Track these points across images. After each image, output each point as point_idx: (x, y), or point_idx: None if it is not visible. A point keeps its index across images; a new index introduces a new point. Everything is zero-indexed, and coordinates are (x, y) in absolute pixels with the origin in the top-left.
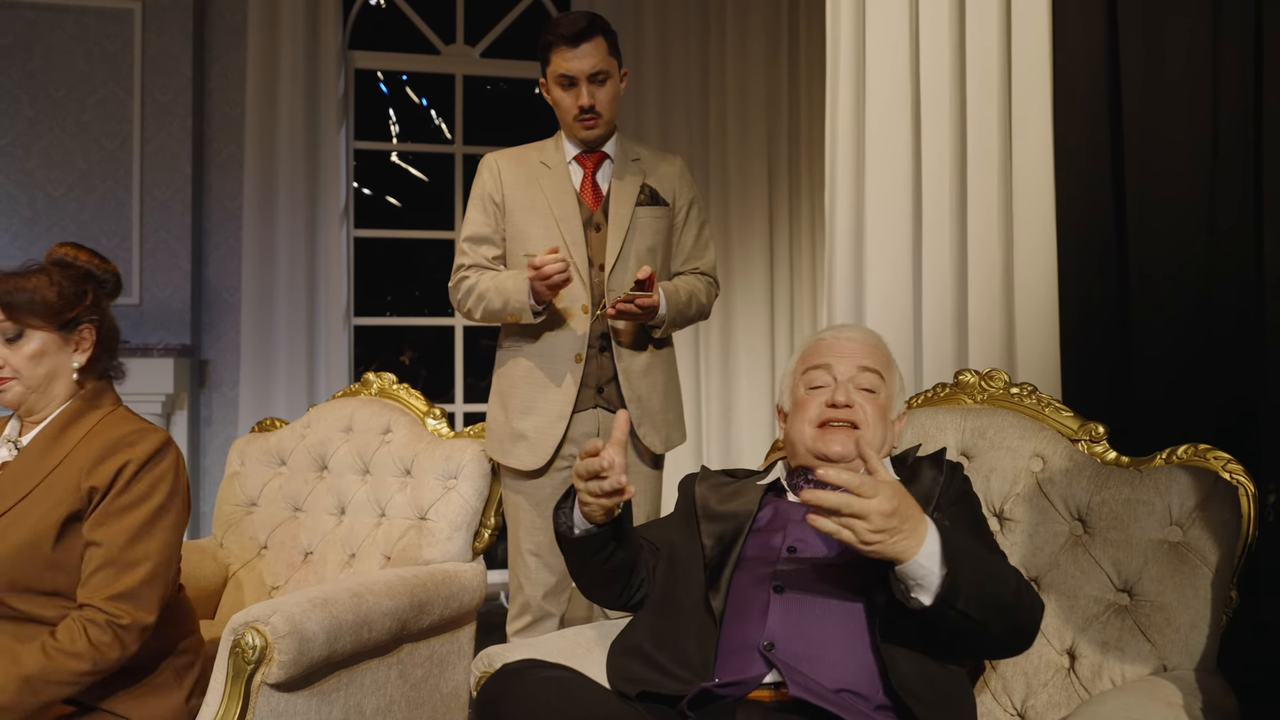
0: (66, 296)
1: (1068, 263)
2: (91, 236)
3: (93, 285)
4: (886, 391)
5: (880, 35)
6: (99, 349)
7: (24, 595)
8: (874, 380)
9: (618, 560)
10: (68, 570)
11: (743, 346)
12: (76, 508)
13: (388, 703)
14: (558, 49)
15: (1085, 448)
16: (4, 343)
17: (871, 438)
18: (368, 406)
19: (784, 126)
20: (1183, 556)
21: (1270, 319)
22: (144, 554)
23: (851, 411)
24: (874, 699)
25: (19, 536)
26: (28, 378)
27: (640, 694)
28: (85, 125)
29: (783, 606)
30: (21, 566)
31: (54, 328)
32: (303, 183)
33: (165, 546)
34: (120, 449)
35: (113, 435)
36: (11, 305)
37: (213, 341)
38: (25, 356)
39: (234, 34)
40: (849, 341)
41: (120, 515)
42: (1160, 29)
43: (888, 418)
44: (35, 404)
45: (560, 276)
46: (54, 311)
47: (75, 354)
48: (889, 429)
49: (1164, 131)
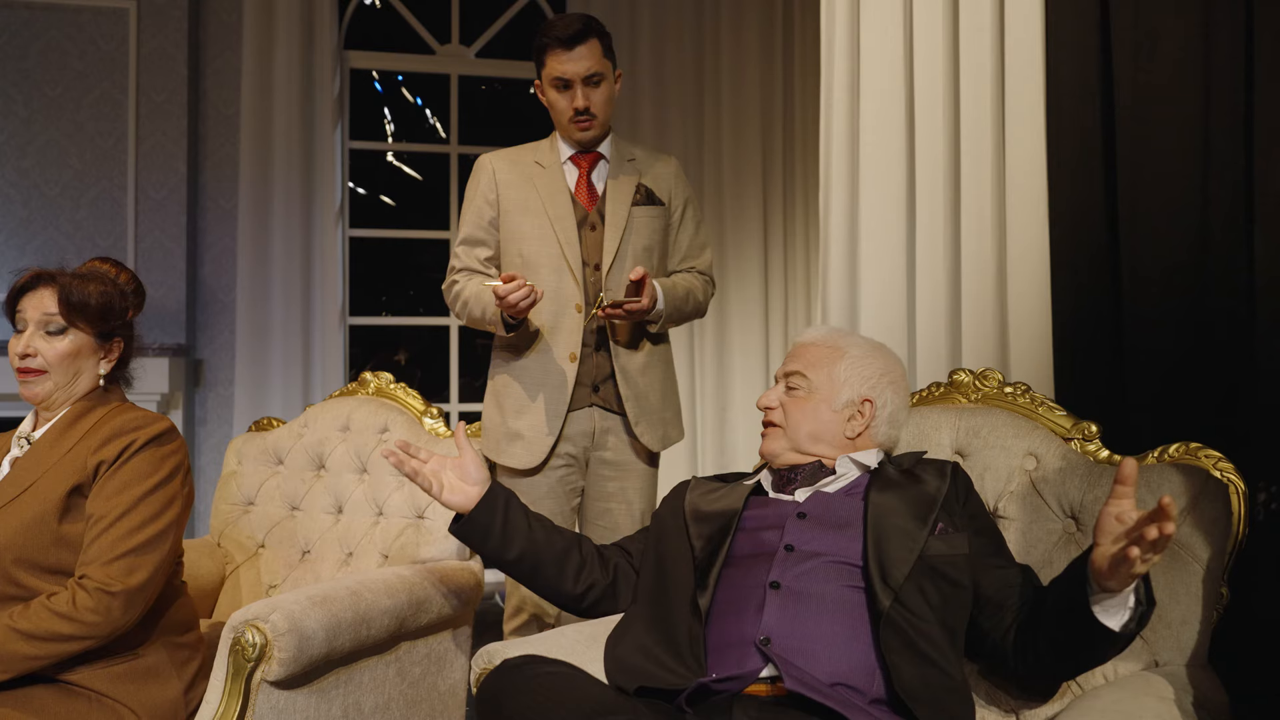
0: (114, 309)
1: (1060, 264)
2: (87, 236)
3: (132, 304)
4: (820, 384)
5: (875, 39)
6: (122, 360)
7: (31, 572)
8: (796, 379)
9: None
10: (73, 547)
11: (737, 347)
12: (82, 481)
13: (386, 700)
14: (552, 51)
15: (1078, 446)
16: (45, 335)
17: (794, 433)
18: (365, 406)
19: (778, 127)
20: (1173, 554)
21: (1261, 321)
22: (140, 523)
23: (773, 413)
24: (869, 693)
25: (28, 514)
26: (57, 373)
27: (638, 689)
28: (80, 124)
29: (779, 602)
30: (29, 543)
31: (94, 333)
32: (298, 182)
33: (162, 520)
34: (128, 430)
35: (121, 419)
36: (70, 303)
37: (208, 341)
38: (60, 353)
39: (229, 34)
40: (797, 346)
41: (121, 489)
42: (1153, 31)
43: (825, 410)
44: (56, 400)
45: (525, 303)
46: (100, 319)
47: (103, 361)
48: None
49: (1155, 133)
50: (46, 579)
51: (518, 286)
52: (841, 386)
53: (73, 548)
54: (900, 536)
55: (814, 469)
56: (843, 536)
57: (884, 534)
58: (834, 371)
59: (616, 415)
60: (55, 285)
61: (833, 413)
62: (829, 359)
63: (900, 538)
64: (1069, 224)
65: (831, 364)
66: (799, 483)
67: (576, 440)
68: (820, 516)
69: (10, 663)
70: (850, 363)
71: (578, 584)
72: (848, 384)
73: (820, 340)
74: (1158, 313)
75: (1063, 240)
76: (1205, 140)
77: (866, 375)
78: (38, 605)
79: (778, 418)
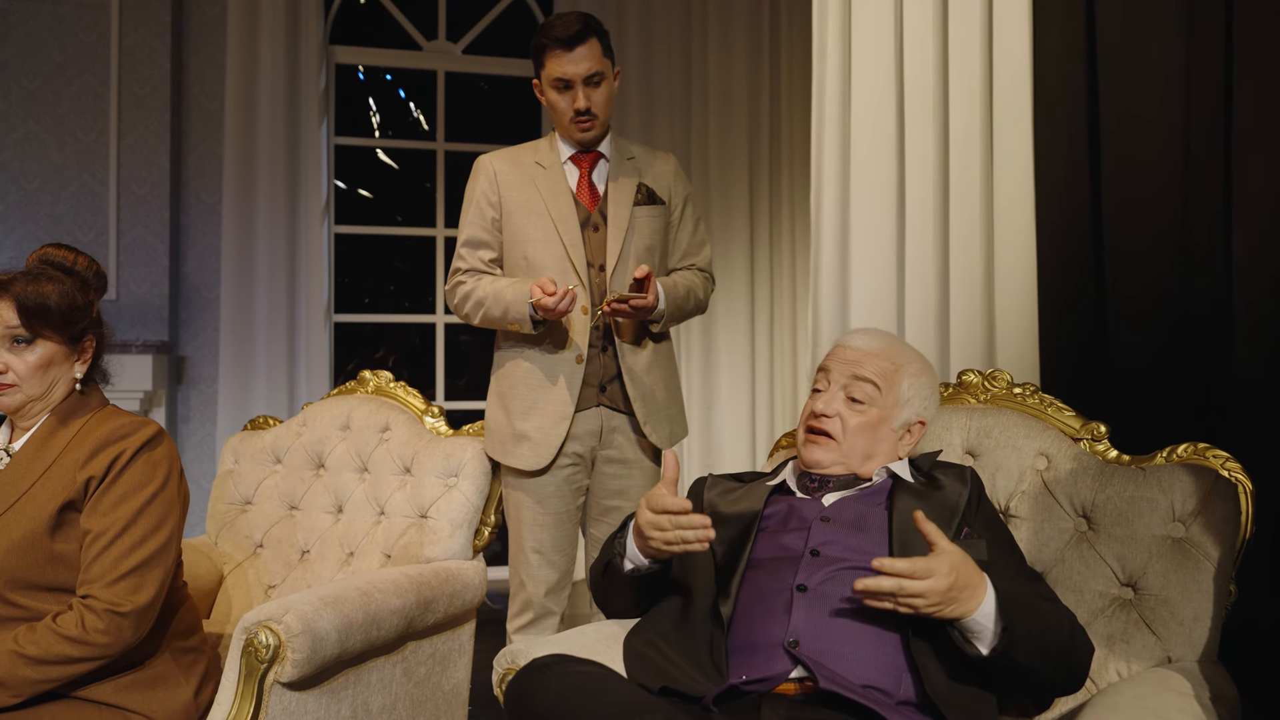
0: (77, 306)
1: (1047, 272)
2: (67, 231)
3: (93, 293)
4: (886, 403)
5: (866, 46)
6: (97, 357)
7: (28, 592)
8: (867, 391)
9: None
10: (69, 564)
11: (724, 346)
12: (72, 497)
13: (393, 700)
14: (552, 52)
15: (1088, 446)
16: (11, 346)
17: (849, 450)
18: (365, 404)
19: (765, 127)
20: (1186, 552)
21: (1240, 329)
22: (141, 538)
23: (829, 422)
24: (896, 695)
25: (18, 532)
26: (30, 385)
27: (662, 689)
28: (60, 118)
29: (806, 605)
30: (22, 562)
31: (64, 339)
32: (283, 178)
33: (162, 531)
34: (115, 440)
35: (106, 428)
36: (28, 310)
37: (191, 338)
38: (31, 365)
39: (213, 27)
40: (852, 350)
41: (117, 503)
42: (1137, 42)
43: (885, 428)
44: (31, 409)
45: (565, 309)
46: (65, 322)
47: (78, 364)
48: (890, 440)
49: (1139, 146)
50: (44, 598)
51: (561, 296)
52: (904, 406)
53: (69, 564)
54: (925, 542)
55: (850, 478)
56: (867, 541)
57: (910, 540)
58: (899, 389)
59: (623, 414)
60: (8, 294)
61: (890, 431)
62: (893, 374)
63: (925, 543)
64: (1055, 235)
65: (897, 381)
66: (830, 489)
67: (584, 440)
68: (845, 520)
69: (20, 688)
70: (911, 381)
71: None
72: (909, 404)
73: (880, 351)
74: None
75: (1049, 251)
76: (1186, 145)
77: (923, 394)
78: (44, 630)
79: (834, 429)
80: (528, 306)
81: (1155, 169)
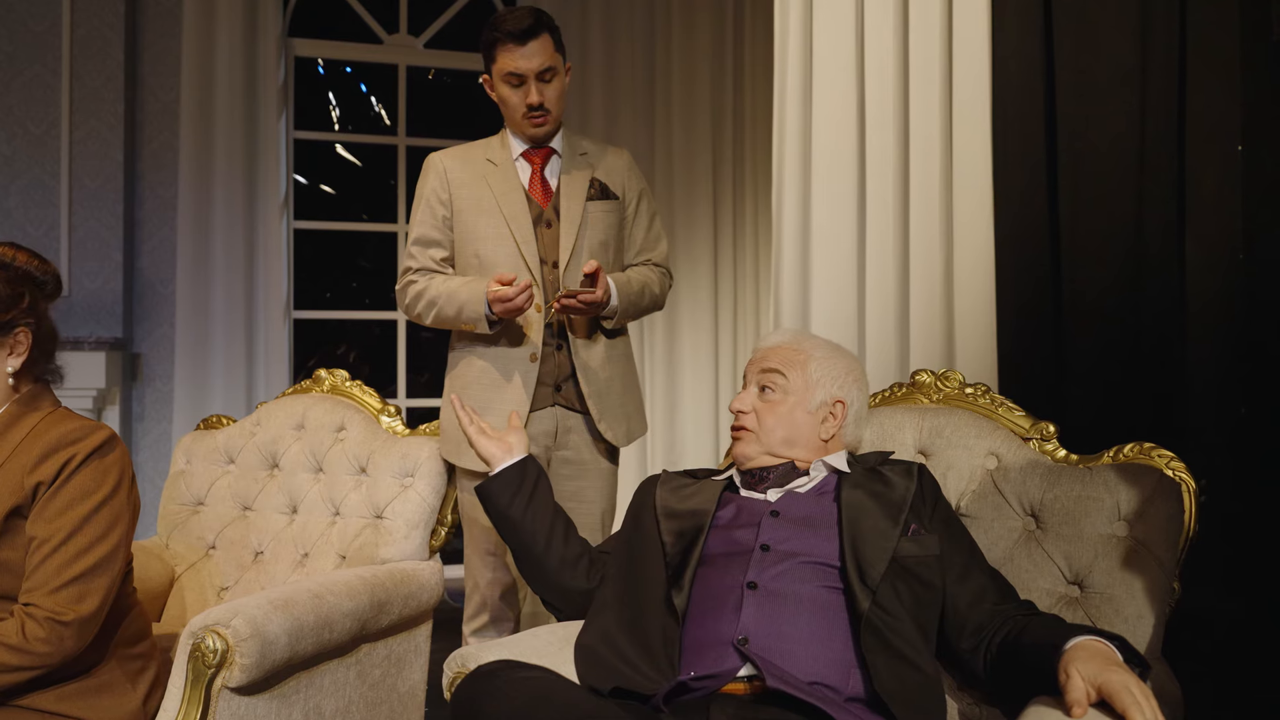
0: (2, 299)
1: (1005, 275)
2: (17, 224)
3: (30, 287)
4: (795, 387)
5: (827, 46)
6: (35, 352)
7: None
8: (775, 380)
9: (535, 518)
10: (14, 571)
11: (687, 344)
12: (20, 503)
13: (346, 703)
14: (504, 46)
15: (1037, 446)
16: None
17: (768, 438)
18: (320, 404)
19: (729, 125)
20: (1130, 550)
21: (1191, 330)
22: (86, 546)
23: (745, 417)
24: (844, 691)
25: None
26: None
27: (613, 690)
28: (10, 109)
29: (756, 602)
30: None
31: None
32: (240, 172)
33: (109, 539)
34: (65, 445)
35: (56, 433)
36: None
37: (145, 334)
38: None
39: (168, 18)
40: (761, 349)
41: (64, 509)
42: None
43: (800, 412)
44: None
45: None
46: None
47: (10, 358)
48: (810, 423)
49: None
50: None
51: (521, 289)
52: (815, 388)
53: (13, 572)
54: (874, 537)
55: (786, 469)
56: (816, 536)
57: (859, 535)
58: (807, 373)
59: (579, 414)
60: None
61: (807, 414)
62: (799, 360)
63: (874, 538)
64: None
65: (803, 366)
66: (771, 482)
67: (538, 440)
68: (794, 516)
69: None
70: (819, 363)
71: (589, 580)
72: (820, 385)
73: (786, 343)
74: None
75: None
76: (1141, 153)
77: (835, 375)
78: None
79: (750, 422)
80: (483, 305)
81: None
